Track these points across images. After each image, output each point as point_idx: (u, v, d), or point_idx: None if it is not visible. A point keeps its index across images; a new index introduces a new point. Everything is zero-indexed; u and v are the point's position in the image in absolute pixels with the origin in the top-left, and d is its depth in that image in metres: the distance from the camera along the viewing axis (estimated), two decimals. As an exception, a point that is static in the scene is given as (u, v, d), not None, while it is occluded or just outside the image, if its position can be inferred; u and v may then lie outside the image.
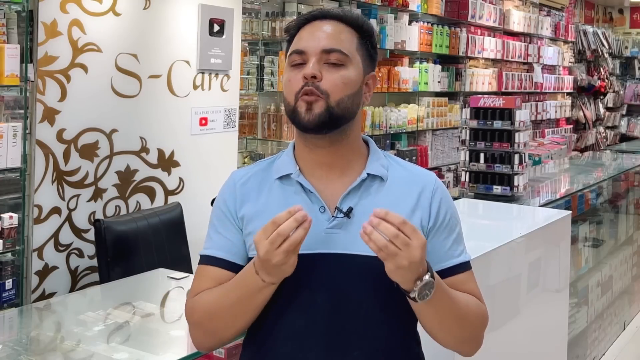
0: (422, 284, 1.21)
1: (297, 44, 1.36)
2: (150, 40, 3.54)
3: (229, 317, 1.31)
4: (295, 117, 1.32)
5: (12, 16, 2.95)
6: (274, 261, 1.20)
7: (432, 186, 1.39)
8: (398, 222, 1.17)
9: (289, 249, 1.19)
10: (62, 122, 3.18)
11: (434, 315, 1.29)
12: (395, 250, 1.16)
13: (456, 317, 1.31)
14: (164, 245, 3.28)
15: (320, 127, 1.31)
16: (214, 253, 1.37)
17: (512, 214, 3.22)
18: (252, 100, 4.57)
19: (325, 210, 1.33)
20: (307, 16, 1.39)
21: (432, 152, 6.04)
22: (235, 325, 1.32)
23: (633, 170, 5.02)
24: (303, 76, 1.31)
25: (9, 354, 2.04)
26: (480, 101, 3.62)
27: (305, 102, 1.30)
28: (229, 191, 1.40)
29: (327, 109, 1.30)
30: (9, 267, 2.91)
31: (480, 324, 1.39)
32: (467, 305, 1.34)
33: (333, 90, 1.31)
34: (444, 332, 1.34)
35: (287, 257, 1.20)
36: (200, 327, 1.35)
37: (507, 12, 7.34)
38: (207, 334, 1.35)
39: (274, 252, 1.19)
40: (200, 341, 1.38)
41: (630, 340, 4.58)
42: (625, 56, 10.77)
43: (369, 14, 5.20)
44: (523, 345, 2.64)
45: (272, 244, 1.19)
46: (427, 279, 1.21)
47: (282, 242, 1.19)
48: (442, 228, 1.37)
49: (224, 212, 1.38)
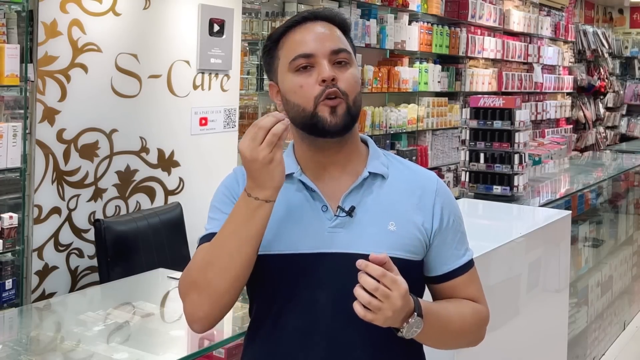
0: (408, 325, 1.23)
1: (298, 48, 1.32)
2: (150, 40, 3.54)
3: (224, 257, 1.24)
4: (317, 122, 1.28)
5: (12, 16, 2.95)
6: (260, 157, 1.19)
7: (433, 187, 1.39)
8: (377, 274, 1.17)
9: (272, 141, 1.19)
10: (62, 122, 3.18)
11: (427, 339, 1.33)
12: (378, 304, 1.17)
13: (452, 334, 1.36)
14: (164, 245, 3.28)
15: (344, 129, 1.30)
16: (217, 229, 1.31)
17: (512, 214, 3.22)
18: (252, 100, 4.57)
19: (327, 209, 1.33)
20: (297, 18, 1.37)
21: (432, 152, 6.04)
22: (230, 269, 1.24)
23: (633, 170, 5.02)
24: (322, 79, 1.29)
25: (9, 354, 2.04)
26: (480, 101, 3.62)
27: (329, 106, 1.28)
28: (231, 179, 1.39)
29: (348, 109, 1.30)
30: (9, 267, 2.91)
31: (477, 329, 1.42)
32: (462, 319, 1.36)
33: (350, 90, 1.31)
34: (441, 346, 1.40)
35: (272, 153, 1.19)
36: (195, 286, 1.27)
37: (507, 12, 7.35)
38: (203, 291, 1.26)
39: (258, 149, 1.19)
40: (195, 307, 1.27)
41: (630, 340, 4.58)
42: (625, 56, 10.77)
43: (369, 14, 5.20)
44: (523, 345, 2.64)
45: (254, 140, 1.19)
46: (413, 321, 1.23)
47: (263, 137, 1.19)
48: (447, 231, 1.38)
49: (226, 195, 1.37)
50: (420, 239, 1.35)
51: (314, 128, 1.30)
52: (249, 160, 1.20)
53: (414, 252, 1.34)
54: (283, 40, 1.35)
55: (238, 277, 1.26)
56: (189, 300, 1.29)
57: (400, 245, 1.31)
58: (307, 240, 1.29)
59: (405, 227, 1.33)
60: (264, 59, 1.41)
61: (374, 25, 5.15)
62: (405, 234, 1.33)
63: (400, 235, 1.32)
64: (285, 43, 1.35)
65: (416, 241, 1.34)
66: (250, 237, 1.24)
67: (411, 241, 1.33)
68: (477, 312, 1.40)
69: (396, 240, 1.31)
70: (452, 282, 1.39)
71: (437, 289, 1.41)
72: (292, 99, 1.32)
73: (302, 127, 1.32)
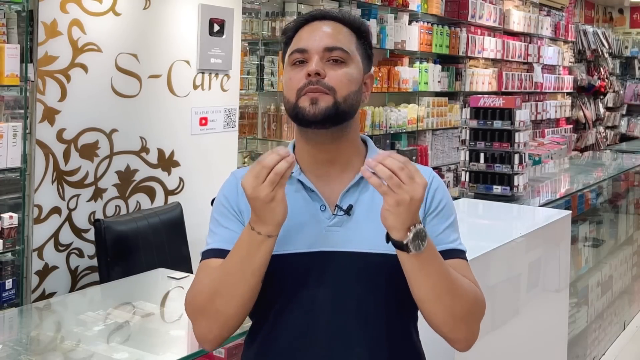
0: (415, 230, 1.19)
1: (297, 43, 1.36)
2: (150, 40, 3.54)
3: (230, 286, 1.27)
4: (297, 112, 1.31)
5: (12, 16, 2.95)
6: (261, 196, 1.19)
7: (428, 179, 1.39)
8: (403, 159, 1.18)
9: (274, 180, 1.19)
10: (62, 122, 3.18)
11: (426, 277, 1.24)
12: (398, 182, 1.15)
13: (449, 283, 1.26)
14: (164, 245, 3.28)
15: (324, 120, 1.31)
16: (220, 245, 1.35)
17: (512, 214, 3.22)
18: (252, 100, 4.57)
19: (325, 208, 1.34)
20: (306, 17, 1.40)
21: (432, 152, 6.04)
22: (236, 297, 1.27)
23: (633, 170, 5.02)
24: (306, 73, 1.31)
25: (9, 354, 2.04)
26: (480, 101, 3.62)
27: (310, 97, 1.30)
28: (230, 187, 1.41)
29: (335, 104, 1.31)
30: (9, 267, 2.91)
31: (474, 302, 1.32)
32: (459, 278, 1.30)
33: (339, 86, 1.32)
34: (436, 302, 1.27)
35: (273, 191, 1.20)
36: (203, 312, 1.30)
37: (507, 12, 7.35)
38: (211, 317, 1.30)
39: (260, 187, 1.19)
40: (205, 331, 1.32)
41: (630, 340, 4.59)
42: (625, 56, 10.77)
43: (369, 14, 5.20)
44: (523, 345, 2.64)
45: (257, 178, 1.19)
46: (420, 227, 1.20)
47: (266, 176, 1.19)
48: (436, 213, 1.37)
49: (226, 206, 1.38)
50: None
51: (296, 118, 1.33)
52: (250, 197, 1.21)
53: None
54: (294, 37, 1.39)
55: (245, 303, 1.29)
56: (198, 325, 1.33)
57: (397, 243, 1.30)
58: (306, 239, 1.30)
59: None
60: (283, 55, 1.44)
61: (374, 25, 5.15)
62: None
63: None
64: (293, 39, 1.39)
65: None
66: (254, 270, 1.26)
67: None
68: (474, 287, 1.35)
69: (394, 238, 1.31)
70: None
71: None
72: (284, 91, 1.36)
73: (291, 118, 1.35)
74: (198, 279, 1.34)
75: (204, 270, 1.35)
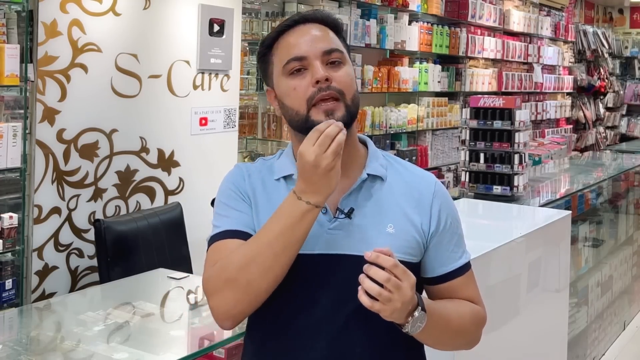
0: (413, 319, 1.23)
1: (289, 52, 1.33)
2: (150, 40, 3.54)
3: (269, 257, 1.23)
4: (312, 126, 1.26)
5: (12, 16, 2.95)
6: (323, 164, 1.19)
7: (431, 189, 1.39)
8: (389, 265, 1.17)
9: (337, 150, 1.20)
10: (62, 122, 3.18)
11: (428, 337, 1.31)
12: (388, 295, 1.17)
13: (451, 332, 1.35)
14: (164, 245, 3.28)
15: None
16: (235, 227, 1.32)
17: (512, 214, 3.22)
18: (252, 100, 4.57)
19: (327, 211, 1.33)
20: (288, 22, 1.37)
21: (432, 152, 6.04)
22: (274, 268, 1.24)
23: (633, 170, 5.02)
24: (315, 80, 1.29)
25: (9, 354, 2.04)
26: (480, 101, 3.62)
27: (324, 109, 1.29)
28: (236, 175, 1.39)
29: (347, 110, 1.31)
30: (9, 267, 2.91)
31: (475, 329, 1.42)
32: (461, 318, 1.37)
33: (346, 88, 1.31)
34: (441, 346, 1.39)
35: (334, 160, 1.20)
36: (232, 283, 1.25)
37: (507, 12, 7.35)
38: (240, 289, 1.25)
39: (323, 155, 1.19)
40: (230, 304, 1.26)
41: (630, 340, 4.59)
42: (625, 56, 10.77)
43: (369, 14, 5.20)
44: (523, 345, 2.64)
45: (321, 147, 1.20)
46: (418, 314, 1.23)
47: (329, 144, 1.20)
48: (444, 233, 1.38)
49: (235, 191, 1.36)
50: (418, 241, 1.35)
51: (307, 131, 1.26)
52: (312, 165, 1.20)
53: (412, 254, 1.34)
54: (276, 45, 1.36)
55: (277, 278, 1.26)
56: (221, 297, 1.27)
57: (398, 248, 1.30)
58: (307, 242, 1.29)
59: (404, 229, 1.34)
60: (259, 64, 1.41)
61: (374, 25, 5.15)
62: (403, 236, 1.33)
63: (398, 238, 1.33)
64: (278, 47, 1.36)
65: (414, 243, 1.35)
66: (296, 240, 1.25)
67: (409, 243, 1.34)
68: (475, 313, 1.40)
69: (394, 242, 1.31)
70: (449, 284, 1.39)
71: (434, 290, 1.41)
72: (287, 102, 1.33)
73: (299, 130, 1.32)
74: (217, 257, 1.29)
75: (220, 250, 1.30)
